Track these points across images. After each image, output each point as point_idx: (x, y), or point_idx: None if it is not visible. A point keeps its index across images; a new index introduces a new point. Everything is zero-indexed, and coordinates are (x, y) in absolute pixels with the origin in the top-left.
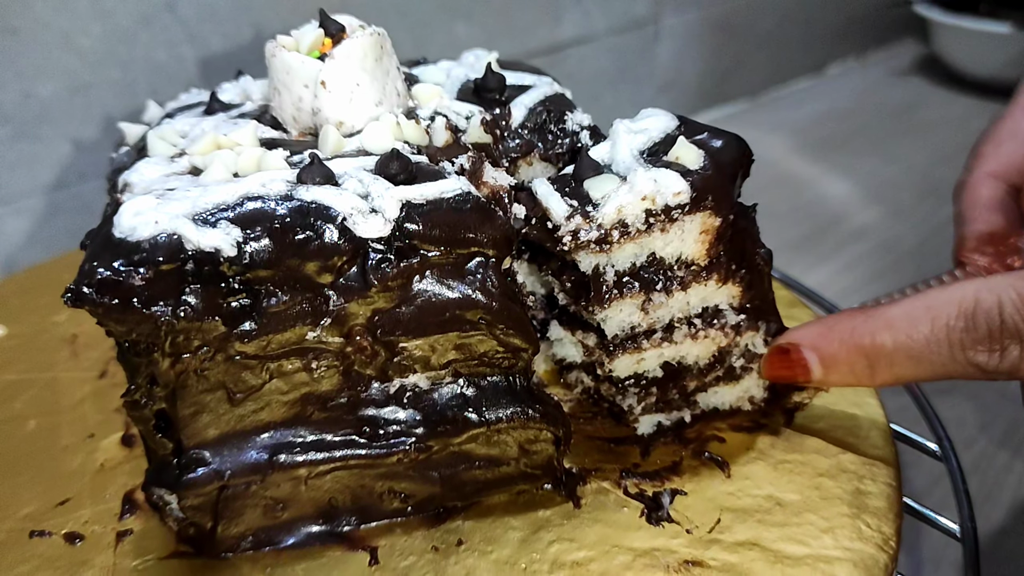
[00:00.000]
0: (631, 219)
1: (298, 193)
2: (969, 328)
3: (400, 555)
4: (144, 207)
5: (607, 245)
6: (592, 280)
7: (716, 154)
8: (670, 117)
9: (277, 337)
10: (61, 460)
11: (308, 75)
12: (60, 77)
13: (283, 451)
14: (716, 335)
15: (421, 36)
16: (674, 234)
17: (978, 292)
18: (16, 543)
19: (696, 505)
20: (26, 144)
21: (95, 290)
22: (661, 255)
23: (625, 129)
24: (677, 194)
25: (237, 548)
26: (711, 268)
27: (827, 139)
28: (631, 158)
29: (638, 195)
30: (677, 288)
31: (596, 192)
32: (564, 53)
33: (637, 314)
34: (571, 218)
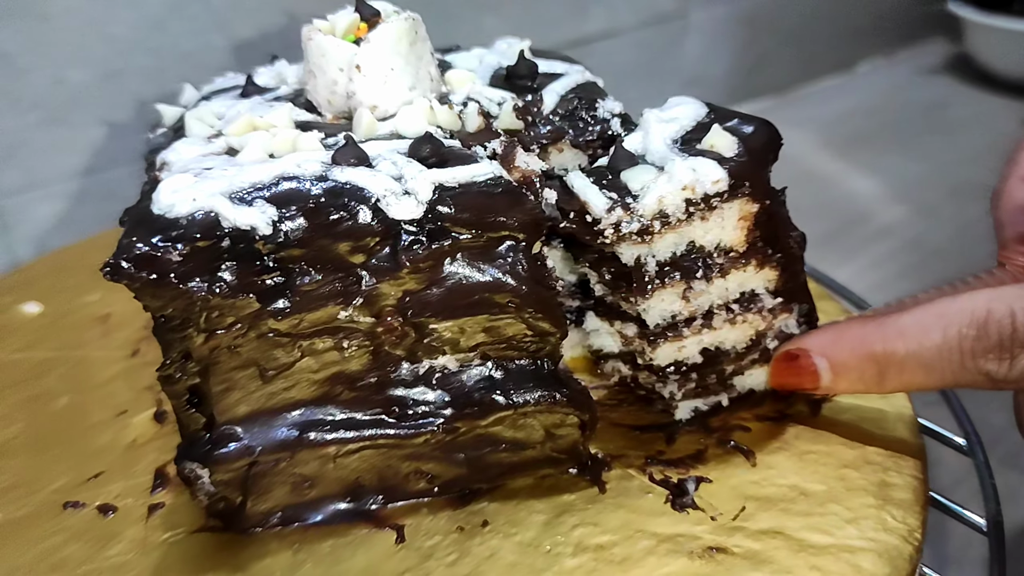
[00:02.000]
0: (671, 209)
1: (332, 174)
2: (981, 336)
3: (425, 535)
4: (182, 184)
5: (648, 236)
6: (634, 271)
7: (749, 140)
8: (699, 105)
9: (309, 316)
10: (92, 436)
11: (343, 59)
12: (91, 64)
13: (312, 429)
14: (753, 319)
15: (449, 28)
16: (714, 222)
17: (990, 301)
18: (49, 514)
19: (721, 493)
20: (57, 129)
21: (133, 265)
22: (701, 243)
23: (656, 119)
24: (716, 182)
25: (265, 524)
26: (749, 254)
27: (854, 136)
28: (665, 147)
29: (678, 185)
30: (717, 275)
31: (635, 183)
32: (590, 47)
33: (678, 303)
34: (612, 211)
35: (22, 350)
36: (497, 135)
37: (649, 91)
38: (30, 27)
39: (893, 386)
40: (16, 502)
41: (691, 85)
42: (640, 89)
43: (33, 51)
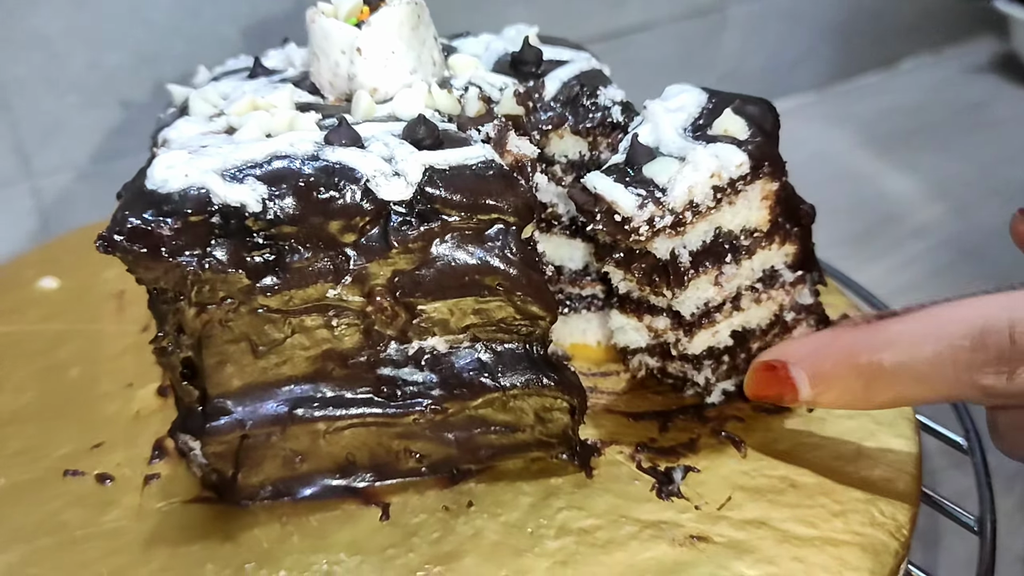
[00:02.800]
0: (700, 198)
1: (324, 154)
2: (977, 348)
3: (411, 512)
4: (176, 161)
5: (682, 228)
6: (670, 264)
7: (758, 121)
8: (698, 91)
9: (299, 293)
10: (99, 406)
11: (345, 41)
12: (127, 48)
13: (303, 405)
14: (776, 294)
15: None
16: (740, 205)
17: (987, 311)
18: (51, 480)
19: (708, 482)
20: (93, 111)
21: (125, 238)
22: (729, 228)
23: (662, 109)
24: (739, 165)
25: (256, 496)
26: (772, 231)
27: (894, 134)
28: (678, 137)
29: (705, 173)
30: (745, 257)
31: (660, 177)
32: (625, 39)
33: (712, 289)
34: (643, 207)
35: (40, 322)
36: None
37: None
38: (68, 11)
39: (881, 400)
40: (22, 467)
41: (727, 79)
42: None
43: (71, 35)
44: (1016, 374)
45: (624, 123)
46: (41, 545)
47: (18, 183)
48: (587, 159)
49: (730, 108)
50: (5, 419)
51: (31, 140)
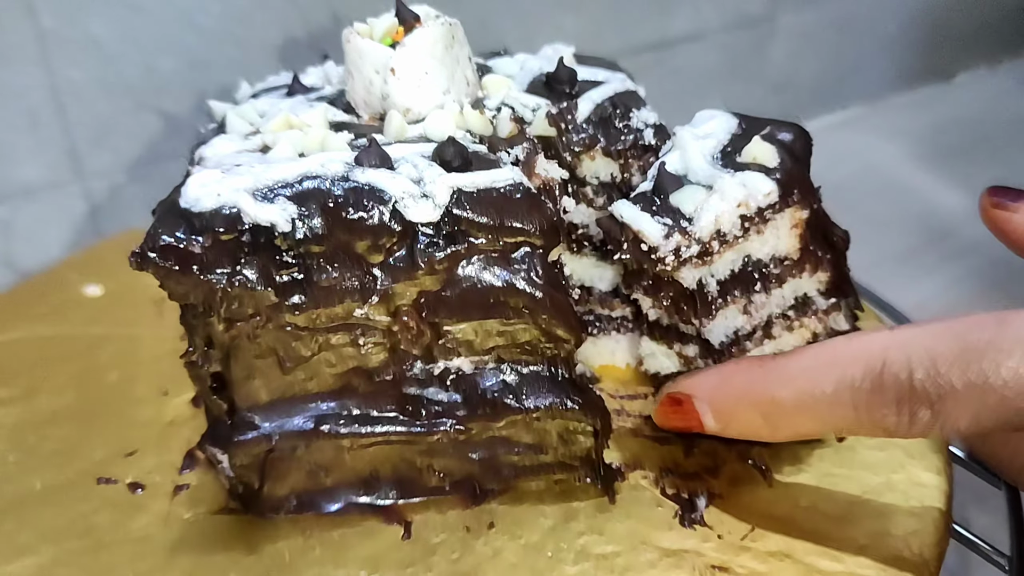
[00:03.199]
0: (728, 227)
1: (354, 174)
2: (876, 390)
3: (433, 531)
4: (209, 179)
5: (708, 257)
6: (697, 293)
7: (788, 147)
8: (729, 116)
9: (326, 311)
10: (134, 412)
11: (379, 61)
12: (180, 53)
13: (328, 421)
14: (809, 322)
15: (528, 28)
16: (769, 234)
17: (887, 350)
18: (83, 485)
19: (732, 510)
20: (145, 115)
21: (158, 254)
22: (758, 256)
23: (691, 136)
24: (767, 194)
25: (281, 509)
26: (803, 259)
27: (947, 148)
28: (706, 165)
29: (732, 203)
30: (774, 285)
31: (687, 206)
32: (673, 49)
33: (741, 318)
34: (669, 237)
35: (81, 326)
36: (529, 141)
37: (732, 95)
38: (122, 16)
39: (785, 435)
40: (56, 469)
41: (776, 90)
42: (723, 93)
43: (125, 39)
44: (917, 416)
45: (656, 145)
46: (70, 548)
47: (70, 184)
48: (618, 181)
49: (759, 136)
50: (43, 420)
51: (84, 142)
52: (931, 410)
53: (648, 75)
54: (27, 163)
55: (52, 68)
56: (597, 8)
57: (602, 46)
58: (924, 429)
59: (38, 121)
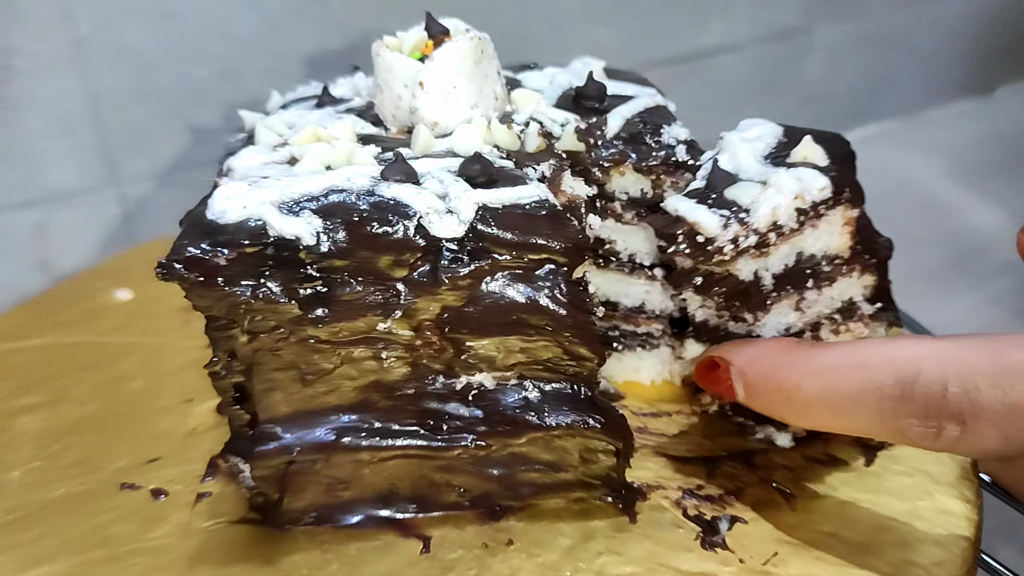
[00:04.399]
0: (784, 219)
1: (379, 189)
2: (905, 398)
3: (450, 547)
4: (235, 192)
5: (765, 248)
6: (752, 286)
7: (835, 150)
8: (773, 124)
9: (348, 325)
10: (157, 420)
11: (408, 75)
12: (213, 61)
13: (348, 434)
14: (855, 327)
15: (561, 37)
16: (822, 229)
17: (923, 360)
18: (106, 493)
19: (754, 534)
20: (179, 122)
21: (183, 266)
22: (811, 252)
23: (739, 139)
24: (821, 189)
25: (300, 521)
26: (852, 259)
27: (984, 164)
28: (757, 164)
29: (789, 195)
30: (825, 283)
31: (743, 199)
32: (707, 61)
33: (793, 315)
34: (727, 227)
35: (108, 333)
36: (557, 156)
37: (766, 107)
38: (159, 24)
39: (805, 424)
40: (79, 477)
41: (810, 103)
42: (756, 105)
43: (160, 47)
44: (943, 431)
45: (688, 162)
46: (90, 557)
47: (105, 189)
48: (649, 197)
49: (809, 136)
50: (67, 429)
51: (119, 149)
52: (961, 426)
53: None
54: (63, 168)
55: (89, 75)
56: (630, 19)
57: (635, 57)
58: (948, 445)
59: (74, 127)
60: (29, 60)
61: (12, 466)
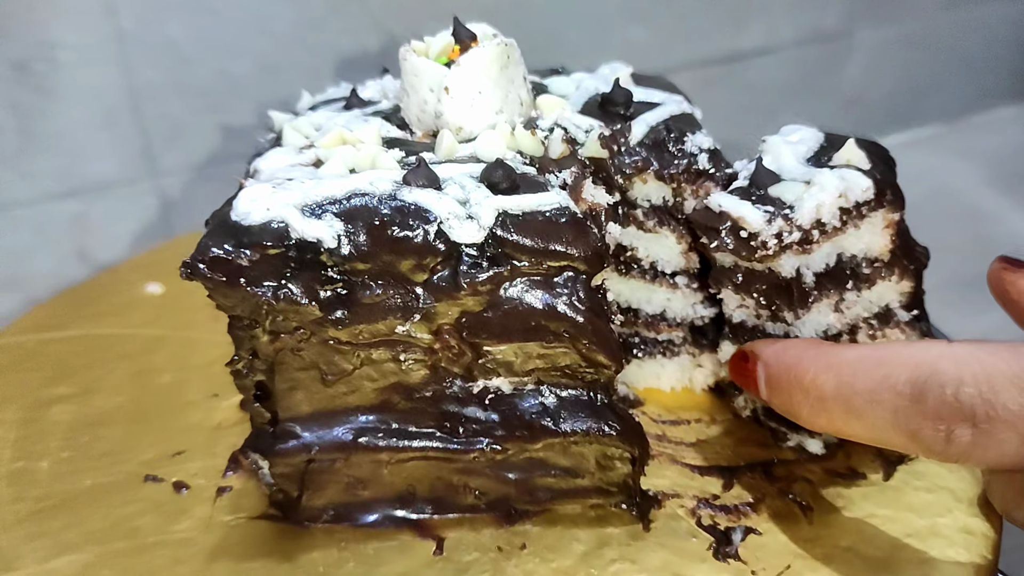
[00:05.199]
0: (828, 217)
1: (401, 194)
2: (917, 398)
3: (465, 549)
4: (260, 194)
5: (809, 245)
6: (794, 283)
7: (876, 154)
8: (814, 129)
9: (368, 327)
10: (184, 414)
11: (434, 80)
12: (252, 57)
13: (367, 434)
14: (892, 333)
15: (597, 38)
16: (865, 230)
17: (939, 359)
18: (130, 485)
19: (769, 546)
20: (217, 116)
21: (207, 266)
22: (852, 252)
23: (781, 141)
24: (865, 190)
25: (318, 519)
26: (892, 263)
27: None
28: (799, 165)
29: (833, 193)
30: (865, 285)
31: (788, 196)
32: (744, 63)
33: (832, 315)
34: (772, 222)
35: (140, 326)
36: (581, 163)
37: (804, 111)
38: (199, 19)
39: (821, 424)
40: (105, 469)
41: (849, 107)
42: (794, 108)
43: (200, 42)
44: (954, 435)
45: (710, 171)
46: (114, 548)
47: (143, 181)
48: (670, 205)
49: (853, 139)
50: (97, 420)
51: (158, 142)
52: (973, 429)
53: (718, 88)
54: (103, 160)
55: (129, 68)
56: (668, 20)
57: (671, 58)
58: (960, 451)
59: (115, 119)
60: (71, 53)
61: (42, 456)
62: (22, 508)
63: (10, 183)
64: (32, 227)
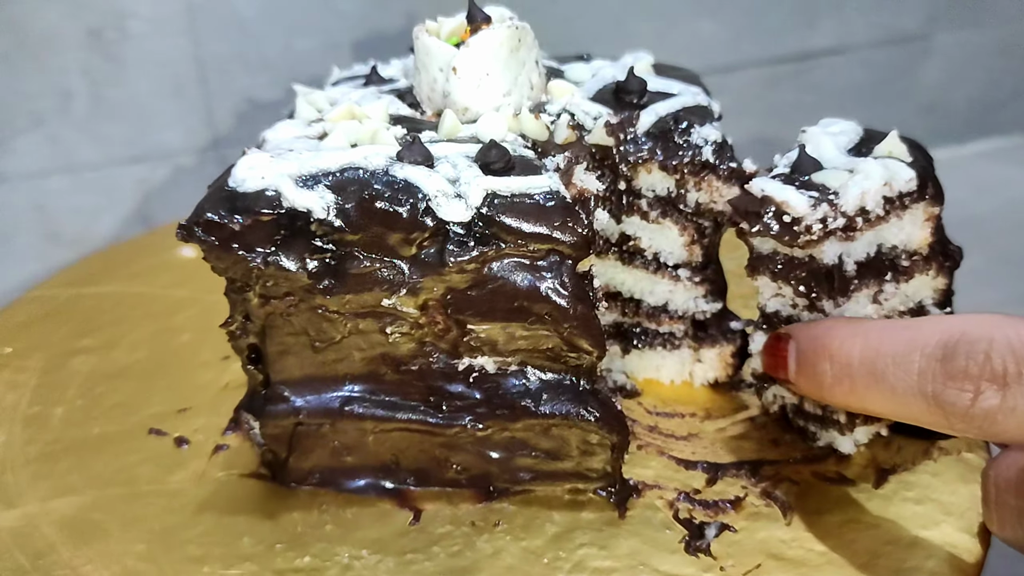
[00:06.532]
0: (872, 205)
1: (393, 169)
2: (947, 357)
3: (440, 522)
4: (257, 162)
5: (852, 232)
6: (835, 270)
7: (918, 149)
8: (854, 124)
9: (355, 298)
10: (196, 373)
11: (443, 59)
12: (317, 34)
13: (354, 403)
14: None
15: (662, 30)
16: (906, 221)
17: (967, 322)
18: (135, 436)
19: (743, 544)
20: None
21: (201, 229)
22: (892, 243)
23: (822, 131)
24: (908, 180)
25: (305, 481)
26: (930, 257)
27: None
28: (841, 155)
29: (878, 181)
30: (903, 278)
31: (832, 182)
32: (815, 61)
33: (870, 307)
34: (816, 207)
35: (167, 287)
36: (585, 149)
37: (877, 114)
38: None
39: (844, 397)
40: (114, 419)
41: (925, 113)
42: (867, 111)
43: (268, 18)
44: (980, 395)
45: (715, 163)
46: (110, 493)
47: (207, 151)
48: (674, 196)
49: (895, 131)
50: (114, 373)
51: (222, 113)
52: (1003, 390)
53: (786, 87)
54: (169, 128)
55: (199, 41)
56: (738, 14)
57: (738, 54)
58: (984, 414)
59: (182, 90)
60: (144, 24)
61: (59, 402)
62: (32, 450)
63: (81, 146)
64: (99, 189)
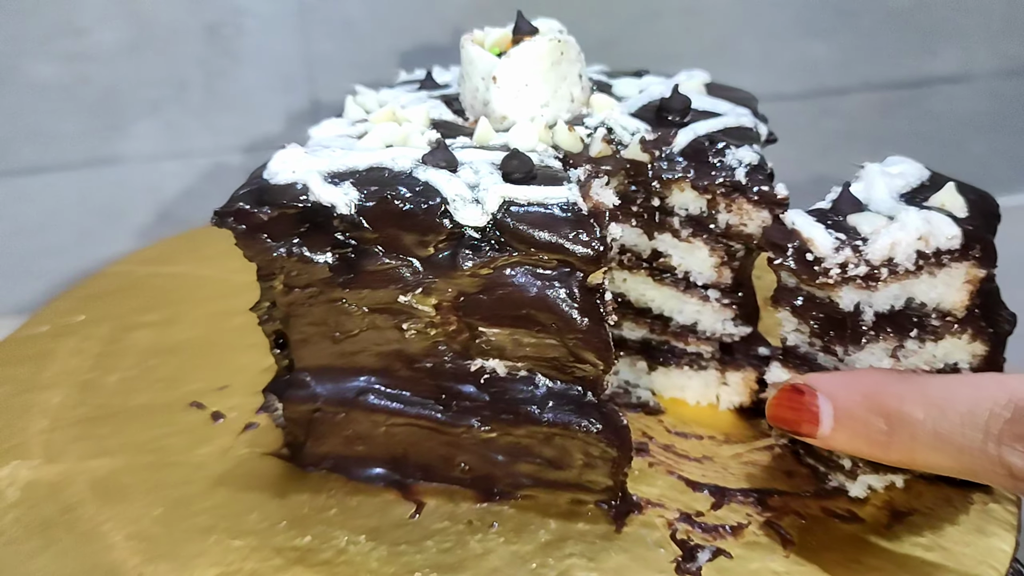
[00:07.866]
0: (901, 258)
1: (417, 172)
2: (1016, 420)
3: (438, 518)
4: (290, 157)
5: (874, 282)
6: (850, 318)
7: (979, 205)
8: (921, 167)
9: (372, 294)
10: (242, 355)
11: (485, 68)
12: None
13: (368, 394)
14: None
15: (770, 51)
16: (941, 279)
17: None
18: (175, 408)
19: (734, 571)
20: None
21: (232, 217)
22: (922, 300)
23: (879, 171)
24: (950, 238)
25: (319, 465)
26: (966, 322)
27: None
28: (890, 199)
29: (913, 234)
30: (931, 338)
31: (864, 227)
32: (931, 89)
33: (886, 360)
34: (839, 250)
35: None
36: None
37: (993, 146)
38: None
39: (899, 454)
40: (158, 391)
41: None
42: (984, 143)
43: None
44: None
45: (748, 186)
46: (141, 460)
47: None
48: (705, 216)
49: (953, 183)
50: (168, 348)
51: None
52: None
53: (899, 114)
54: (275, 121)
55: (308, 40)
56: (852, 36)
57: (849, 78)
58: None
59: (290, 86)
60: (257, 21)
61: (114, 371)
62: (81, 412)
63: (194, 133)
64: (207, 175)
